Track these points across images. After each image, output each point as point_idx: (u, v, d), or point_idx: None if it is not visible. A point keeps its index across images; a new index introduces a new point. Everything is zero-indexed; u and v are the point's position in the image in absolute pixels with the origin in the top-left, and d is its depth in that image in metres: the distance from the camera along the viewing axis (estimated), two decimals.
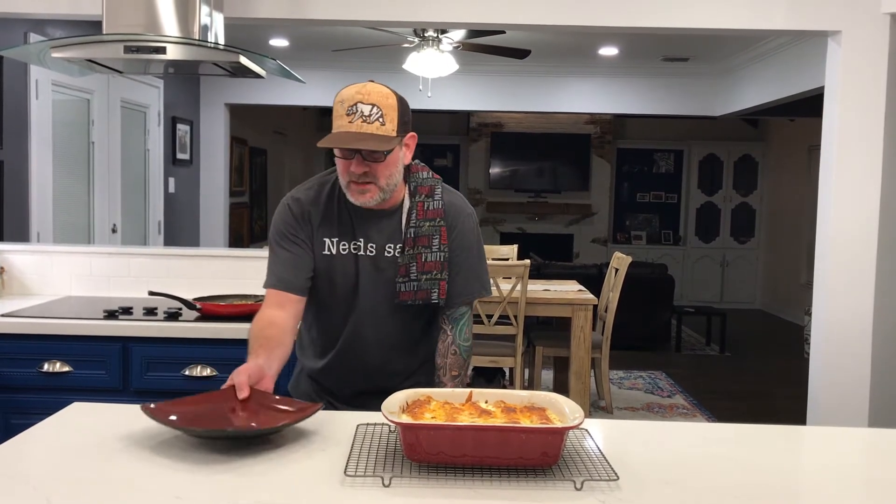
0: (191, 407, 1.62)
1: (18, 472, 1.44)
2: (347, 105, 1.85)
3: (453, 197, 2.07)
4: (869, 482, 1.57)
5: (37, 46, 3.08)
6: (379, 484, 1.37)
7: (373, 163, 1.87)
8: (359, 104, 1.84)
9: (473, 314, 2.18)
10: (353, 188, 1.90)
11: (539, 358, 5.15)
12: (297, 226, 1.99)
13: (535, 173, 10.71)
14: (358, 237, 1.98)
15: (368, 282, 1.99)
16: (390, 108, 1.87)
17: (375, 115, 1.85)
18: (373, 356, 2.03)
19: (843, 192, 3.55)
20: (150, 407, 1.58)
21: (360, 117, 1.84)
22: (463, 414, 1.52)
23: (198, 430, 1.53)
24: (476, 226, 2.09)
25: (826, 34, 3.59)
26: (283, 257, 1.98)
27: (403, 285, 1.97)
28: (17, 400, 2.76)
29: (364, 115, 1.84)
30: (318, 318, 2.07)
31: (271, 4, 3.54)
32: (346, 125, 1.84)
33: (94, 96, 5.66)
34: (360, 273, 1.98)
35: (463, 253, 2.03)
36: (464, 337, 2.05)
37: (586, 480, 1.39)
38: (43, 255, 3.49)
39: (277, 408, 1.64)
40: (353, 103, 1.85)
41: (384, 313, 2.00)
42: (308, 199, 2.01)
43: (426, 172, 2.06)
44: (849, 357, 3.56)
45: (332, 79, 8.08)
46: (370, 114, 1.85)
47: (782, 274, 10.01)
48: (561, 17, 3.58)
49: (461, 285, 2.02)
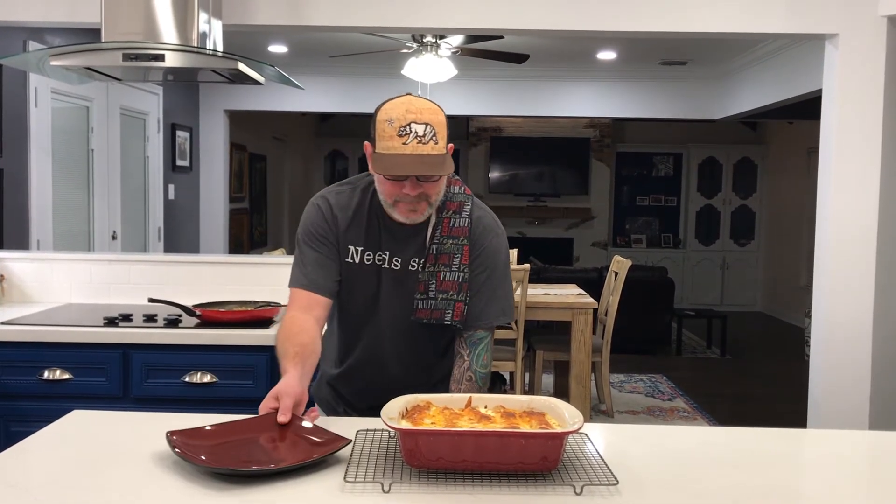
0: (219, 440, 1.55)
1: (19, 480, 1.44)
2: (399, 125, 1.75)
3: (483, 214, 1.99)
4: (871, 485, 1.57)
5: (36, 54, 3.08)
6: (379, 490, 1.37)
7: (426, 182, 1.80)
8: (412, 124, 1.75)
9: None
10: (403, 207, 1.83)
11: (539, 362, 5.15)
12: (326, 227, 1.92)
13: (535, 177, 10.72)
14: (384, 249, 1.92)
15: (389, 295, 1.92)
16: (441, 125, 1.78)
17: (430, 134, 1.76)
18: (389, 370, 1.97)
19: (841, 194, 3.55)
20: (173, 439, 1.51)
21: (415, 138, 1.74)
22: (462, 419, 1.52)
23: (227, 469, 1.44)
24: (505, 248, 2.00)
25: (823, 37, 3.60)
26: (312, 258, 1.91)
27: (421, 302, 1.90)
28: (18, 407, 2.76)
29: (419, 135, 1.74)
30: (338, 324, 2.03)
31: (270, 11, 3.55)
32: (401, 146, 1.74)
33: (93, 104, 5.67)
34: (381, 285, 1.92)
35: (484, 273, 1.94)
36: (481, 363, 1.96)
37: (586, 485, 1.39)
38: (43, 263, 3.49)
39: (309, 439, 1.56)
40: (405, 123, 1.74)
41: (403, 329, 1.93)
42: (339, 202, 1.94)
43: (458, 187, 1.98)
44: (849, 359, 3.56)
45: (331, 85, 8.10)
46: (424, 133, 1.75)
47: (782, 276, 10.01)
48: (559, 21, 3.58)
49: (480, 308, 1.94)
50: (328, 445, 1.53)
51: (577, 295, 5.17)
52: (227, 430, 1.59)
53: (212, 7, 3.22)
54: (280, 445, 1.55)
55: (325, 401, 2.08)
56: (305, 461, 1.46)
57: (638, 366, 6.98)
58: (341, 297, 1.96)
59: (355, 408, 2.04)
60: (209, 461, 1.46)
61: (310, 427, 1.60)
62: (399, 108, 1.77)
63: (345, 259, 1.93)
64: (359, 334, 1.97)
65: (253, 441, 1.56)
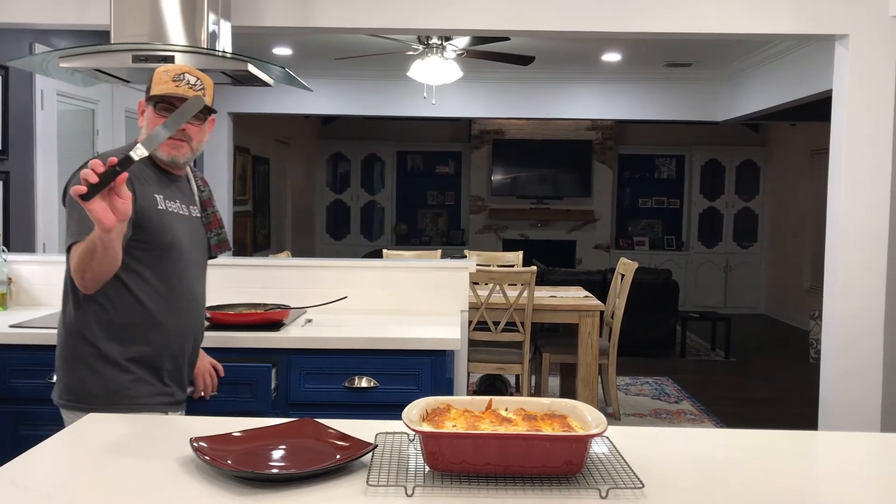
0: (244, 445, 1.55)
1: (36, 484, 1.43)
2: (174, 73, 2.08)
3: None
4: (890, 488, 1.55)
5: (44, 56, 3.07)
6: (402, 494, 1.36)
7: (190, 126, 2.09)
8: (186, 75, 2.08)
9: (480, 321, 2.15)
10: (167, 145, 2.09)
11: (546, 365, 5.14)
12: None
13: (537, 180, 10.70)
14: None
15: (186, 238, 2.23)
16: (210, 86, 2.13)
17: (199, 85, 2.10)
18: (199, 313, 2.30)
19: (852, 195, 3.54)
20: (198, 444, 1.51)
21: (187, 84, 2.07)
22: (484, 422, 1.51)
23: (250, 473, 1.44)
24: None
25: (833, 38, 3.59)
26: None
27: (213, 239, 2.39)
28: (28, 411, 2.74)
29: (191, 84, 2.08)
30: (136, 286, 2.15)
31: (278, 12, 3.54)
32: (174, 88, 2.06)
33: (98, 106, 5.66)
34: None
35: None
36: None
37: (611, 489, 1.38)
38: (50, 266, 3.48)
39: (333, 443, 1.56)
40: (180, 73, 2.08)
41: (202, 267, 2.34)
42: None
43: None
44: (860, 361, 3.55)
45: (335, 87, 8.09)
46: (195, 83, 2.09)
47: (786, 278, 10.00)
48: (565, 23, 3.58)
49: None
50: (351, 450, 1.52)
51: (584, 297, 5.16)
52: (251, 436, 1.59)
53: (221, 8, 3.21)
54: (304, 450, 1.55)
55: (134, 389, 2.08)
56: (329, 465, 1.45)
57: (643, 368, 6.96)
58: (136, 252, 2.05)
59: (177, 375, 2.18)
60: (234, 466, 1.45)
61: (334, 432, 1.60)
62: (177, 66, 2.14)
63: (156, 206, 2.09)
64: (169, 281, 2.12)
65: (277, 446, 1.56)
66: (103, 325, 2.06)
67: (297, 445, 1.57)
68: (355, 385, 2.76)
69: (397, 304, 3.45)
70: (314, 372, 2.78)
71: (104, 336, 2.06)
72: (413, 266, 3.51)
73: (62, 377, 2.10)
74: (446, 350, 2.80)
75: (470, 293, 4.13)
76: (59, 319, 2.14)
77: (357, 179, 11.12)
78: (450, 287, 3.47)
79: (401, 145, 11.07)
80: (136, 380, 2.08)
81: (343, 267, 3.49)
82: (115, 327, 2.06)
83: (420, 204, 11.28)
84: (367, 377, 2.76)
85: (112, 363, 2.06)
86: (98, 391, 2.04)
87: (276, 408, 2.75)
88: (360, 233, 11.23)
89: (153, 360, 2.11)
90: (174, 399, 2.17)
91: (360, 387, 2.76)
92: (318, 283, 3.43)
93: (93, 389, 2.05)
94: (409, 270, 3.48)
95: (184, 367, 2.21)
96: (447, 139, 11.21)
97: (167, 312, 2.12)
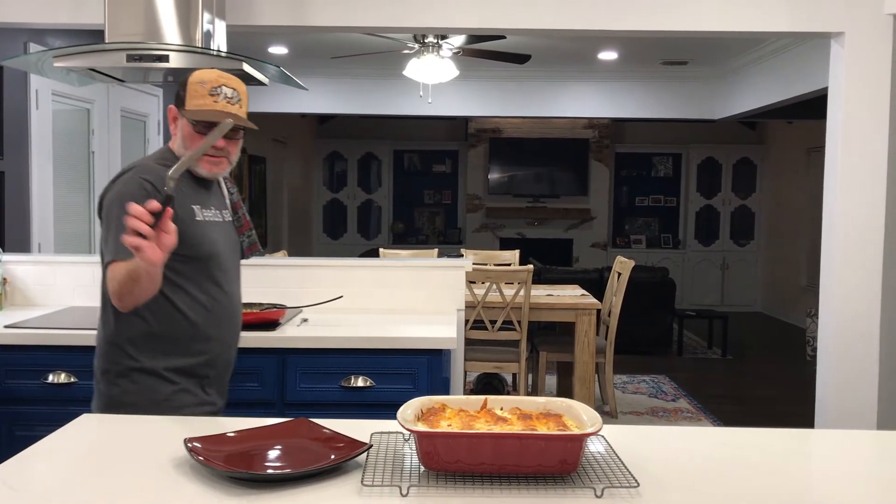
0: (238, 446, 1.55)
1: (31, 485, 1.42)
2: (211, 86, 1.99)
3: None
4: (886, 486, 1.55)
5: (37, 56, 3.06)
6: (397, 493, 1.35)
7: (229, 141, 2.04)
8: (223, 87, 2.00)
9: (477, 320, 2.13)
10: (208, 161, 2.05)
11: (543, 363, 5.13)
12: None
13: (534, 178, 10.70)
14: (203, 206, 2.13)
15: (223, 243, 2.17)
16: (245, 95, 2.07)
17: (237, 98, 2.03)
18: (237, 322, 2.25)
19: (848, 193, 3.54)
20: (192, 445, 1.50)
21: (225, 99, 2.00)
22: (479, 421, 1.50)
23: (245, 474, 1.44)
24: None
25: (829, 36, 3.59)
26: None
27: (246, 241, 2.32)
28: (22, 412, 2.74)
29: (228, 97, 2.01)
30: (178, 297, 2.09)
31: (273, 11, 3.53)
32: (213, 104, 1.99)
33: (94, 106, 5.64)
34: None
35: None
36: None
37: (606, 488, 1.38)
38: (45, 266, 3.47)
39: (328, 444, 1.55)
40: (216, 85, 1.99)
41: (237, 272, 2.27)
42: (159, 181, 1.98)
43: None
44: (856, 358, 3.55)
45: (332, 86, 8.08)
46: (232, 96, 2.02)
47: (782, 276, 10.01)
48: (561, 21, 3.57)
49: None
50: (346, 450, 1.51)
51: (581, 296, 5.15)
52: (245, 437, 1.59)
53: (215, 7, 3.20)
54: (298, 450, 1.54)
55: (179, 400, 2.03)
56: (323, 465, 1.45)
57: (640, 366, 6.96)
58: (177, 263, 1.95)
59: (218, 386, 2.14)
60: (228, 466, 1.45)
61: (328, 432, 1.60)
62: (211, 74, 2.03)
63: (194, 218, 2.04)
64: (210, 292, 2.07)
65: (271, 446, 1.55)
66: (146, 338, 2.00)
67: (291, 445, 1.56)
68: (351, 384, 2.76)
69: (393, 304, 3.44)
70: (310, 372, 2.77)
71: (147, 348, 2.00)
72: (409, 265, 3.50)
73: (103, 389, 2.04)
74: (442, 349, 2.80)
75: (467, 292, 4.12)
76: (98, 332, 2.08)
77: (354, 178, 11.11)
78: (446, 286, 3.46)
79: (397, 144, 11.06)
80: (179, 390, 2.02)
81: (339, 266, 3.49)
82: (158, 339, 2.01)
83: (417, 203, 11.27)
84: (363, 377, 2.76)
85: (154, 374, 2.00)
86: (140, 402, 1.98)
87: (273, 407, 2.74)
88: (357, 232, 11.22)
89: (196, 371, 2.06)
90: (216, 408, 2.12)
91: (356, 386, 2.76)
92: (315, 283, 3.43)
93: (135, 400, 1.98)
94: (405, 270, 3.48)
95: (225, 374, 2.18)
96: (444, 138, 11.21)
97: (211, 324, 2.06)
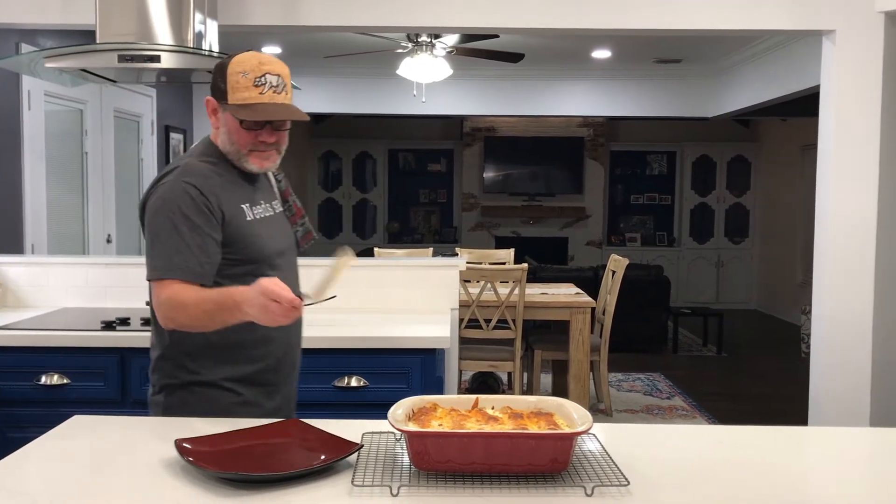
0: (229, 446, 1.54)
1: (22, 487, 1.42)
2: (254, 77, 1.80)
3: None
4: (879, 483, 1.55)
5: (29, 56, 3.05)
6: (387, 493, 1.35)
7: (277, 131, 1.87)
8: (267, 75, 1.81)
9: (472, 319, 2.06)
10: (258, 156, 1.88)
11: (538, 362, 5.14)
12: (209, 205, 1.85)
13: (529, 177, 10.70)
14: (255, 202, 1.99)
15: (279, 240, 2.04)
16: (288, 76, 1.87)
17: (282, 85, 1.84)
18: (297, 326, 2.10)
19: (840, 190, 3.55)
20: (183, 446, 1.49)
21: (271, 88, 1.81)
22: (470, 421, 1.50)
23: (236, 475, 1.43)
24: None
25: (821, 33, 3.59)
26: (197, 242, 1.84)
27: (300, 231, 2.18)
28: (15, 413, 2.73)
29: (273, 85, 1.82)
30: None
31: (265, 11, 3.52)
32: (258, 96, 1.80)
33: (86, 106, 5.63)
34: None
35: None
36: None
37: (597, 486, 1.38)
38: (38, 267, 3.46)
39: (318, 444, 1.55)
40: (260, 74, 1.80)
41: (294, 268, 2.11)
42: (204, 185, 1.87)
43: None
44: (849, 356, 3.56)
45: (325, 85, 8.07)
46: (277, 84, 1.83)
47: (777, 274, 10.02)
48: (554, 20, 3.57)
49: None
50: (337, 450, 1.51)
51: (575, 294, 5.16)
52: (236, 437, 1.58)
53: (207, 7, 3.19)
54: (289, 451, 1.54)
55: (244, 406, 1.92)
56: (314, 466, 1.44)
57: (635, 364, 6.97)
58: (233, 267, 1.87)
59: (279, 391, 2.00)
60: (219, 467, 1.44)
61: (319, 432, 1.60)
62: (251, 61, 1.82)
63: (245, 220, 1.90)
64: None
65: (262, 447, 1.55)
66: (205, 349, 1.88)
67: (282, 446, 1.56)
68: (345, 384, 2.75)
69: (387, 303, 3.44)
70: (303, 371, 2.75)
71: (206, 360, 1.89)
72: (403, 265, 3.50)
73: (161, 403, 1.93)
74: (436, 349, 2.80)
75: (461, 291, 4.12)
76: (153, 346, 1.98)
77: (349, 178, 11.09)
78: (440, 285, 3.46)
79: (392, 143, 11.05)
80: (243, 402, 1.91)
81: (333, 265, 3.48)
82: (218, 349, 1.88)
83: (412, 202, 11.26)
84: (356, 376, 2.76)
85: (216, 387, 1.89)
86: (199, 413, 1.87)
87: None
88: (353, 231, 11.21)
89: (260, 378, 1.94)
90: (282, 416, 1.99)
91: (350, 386, 2.75)
92: (309, 283, 3.41)
93: (198, 413, 1.86)
94: (399, 269, 3.47)
95: (291, 378, 2.07)
96: (439, 137, 11.20)
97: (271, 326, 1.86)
